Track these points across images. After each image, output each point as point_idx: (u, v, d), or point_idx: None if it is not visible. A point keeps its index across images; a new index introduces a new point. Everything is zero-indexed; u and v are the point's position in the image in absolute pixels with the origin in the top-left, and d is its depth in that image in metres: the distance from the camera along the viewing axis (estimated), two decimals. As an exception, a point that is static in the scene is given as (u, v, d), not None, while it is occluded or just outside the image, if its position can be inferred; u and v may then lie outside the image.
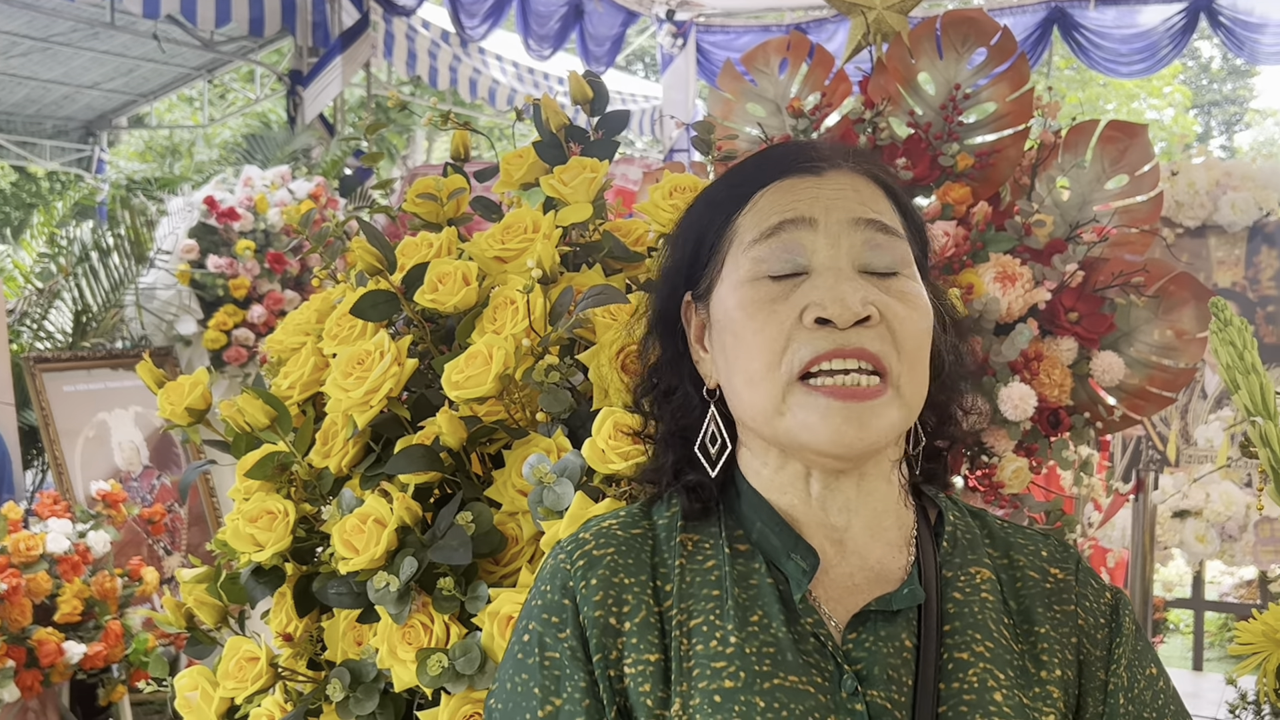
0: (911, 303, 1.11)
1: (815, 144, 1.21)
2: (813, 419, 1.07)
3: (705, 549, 1.16)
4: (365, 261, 1.63)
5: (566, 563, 1.15)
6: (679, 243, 1.23)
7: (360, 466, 1.64)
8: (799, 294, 1.09)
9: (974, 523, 1.22)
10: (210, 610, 1.73)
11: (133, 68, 9.50)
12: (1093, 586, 1.19)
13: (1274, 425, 1.29)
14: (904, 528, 1.18)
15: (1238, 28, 9.18)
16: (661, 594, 1.13)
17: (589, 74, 1.92)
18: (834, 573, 1.14)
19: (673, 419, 1.22)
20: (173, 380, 1.82)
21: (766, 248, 1.12)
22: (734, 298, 1.12)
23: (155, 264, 5.06)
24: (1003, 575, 1.17)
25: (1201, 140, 24.80)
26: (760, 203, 1.15)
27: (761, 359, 1.09)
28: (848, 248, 1.11)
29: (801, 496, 1.15)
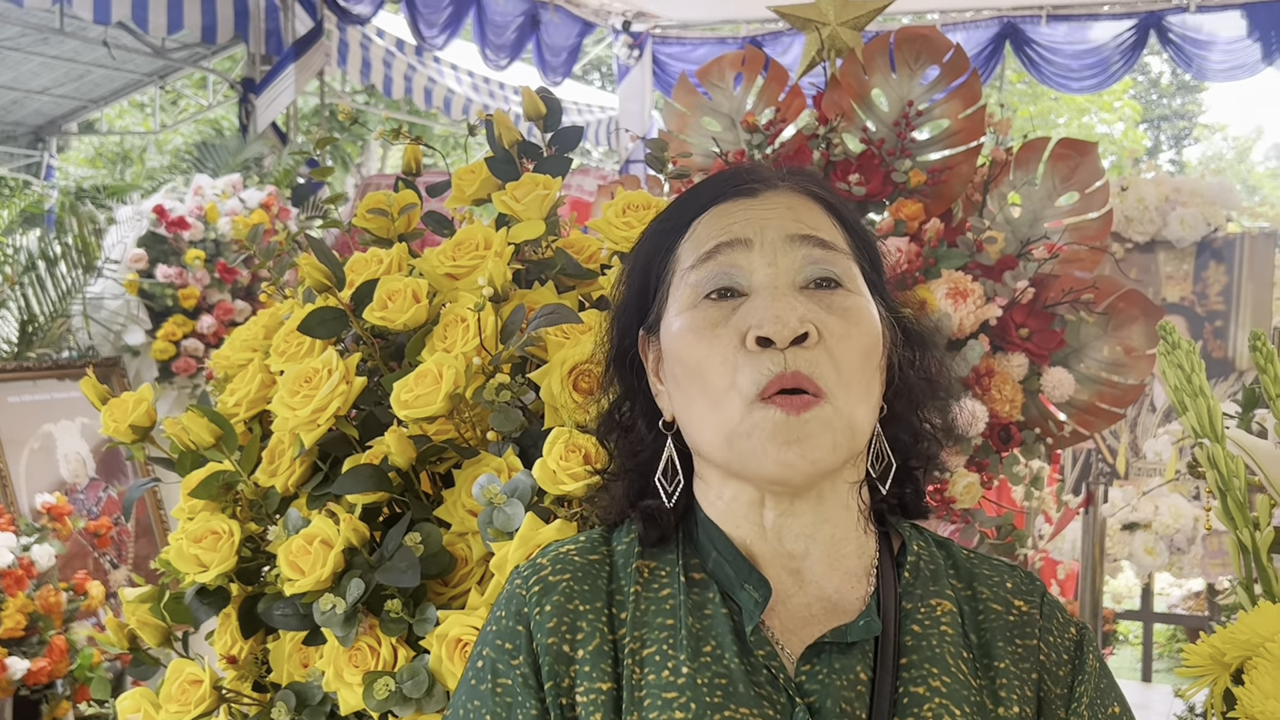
0: (852, 318, 1.09)
1: (753, 167, 1.21)
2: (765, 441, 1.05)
3: (661, 577, 1.14)
4: (313, 278, 1.61)
5: (522, 588, 1.13)
6: (630, 278, 1.22)
7: (307, 486, 1.62)
8: (739, 315, 1.08)
9: (939, 553, 1.20)
10: (153, 631, 1.70)
11: (83, 73, 9.39)
12: (1058, 620, 1.17)
13: (1221, 448, 1.29)
14: (864, 556, 1.16)
15: (1186, 44, 9.30)
16: (616, 621, 1.11)
17: (542, 90, 1.90)
18: (791, 603, 1.12)
19: (630, 453, 1.21)
20: (118, 393, 1.78)
21: (704, 271, 1.11)
22: (678, 325, 1.11)
23: (103, 273, 4.99)
24: (965, 607, 1.15)
25: (1151, 155, 25.10)
26: (698, 229, 1.14)
27: (716, 384, 1.08)
28: (785, 266, 1.10)
29: (755, 527, 1.13)
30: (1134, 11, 9.43)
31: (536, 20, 9.42)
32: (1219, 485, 1.32)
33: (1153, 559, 4.81)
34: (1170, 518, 4.80)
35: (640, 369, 1.20)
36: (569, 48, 10.00)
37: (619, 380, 1.22)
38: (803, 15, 3.09)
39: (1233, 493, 1.30)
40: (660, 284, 1.16)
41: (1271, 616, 1.14)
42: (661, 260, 1.17)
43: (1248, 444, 1.33)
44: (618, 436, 1.23)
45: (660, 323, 1.16)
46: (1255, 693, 1.07)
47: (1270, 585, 1.31)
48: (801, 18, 3.09)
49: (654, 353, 1.18)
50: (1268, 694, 1.07)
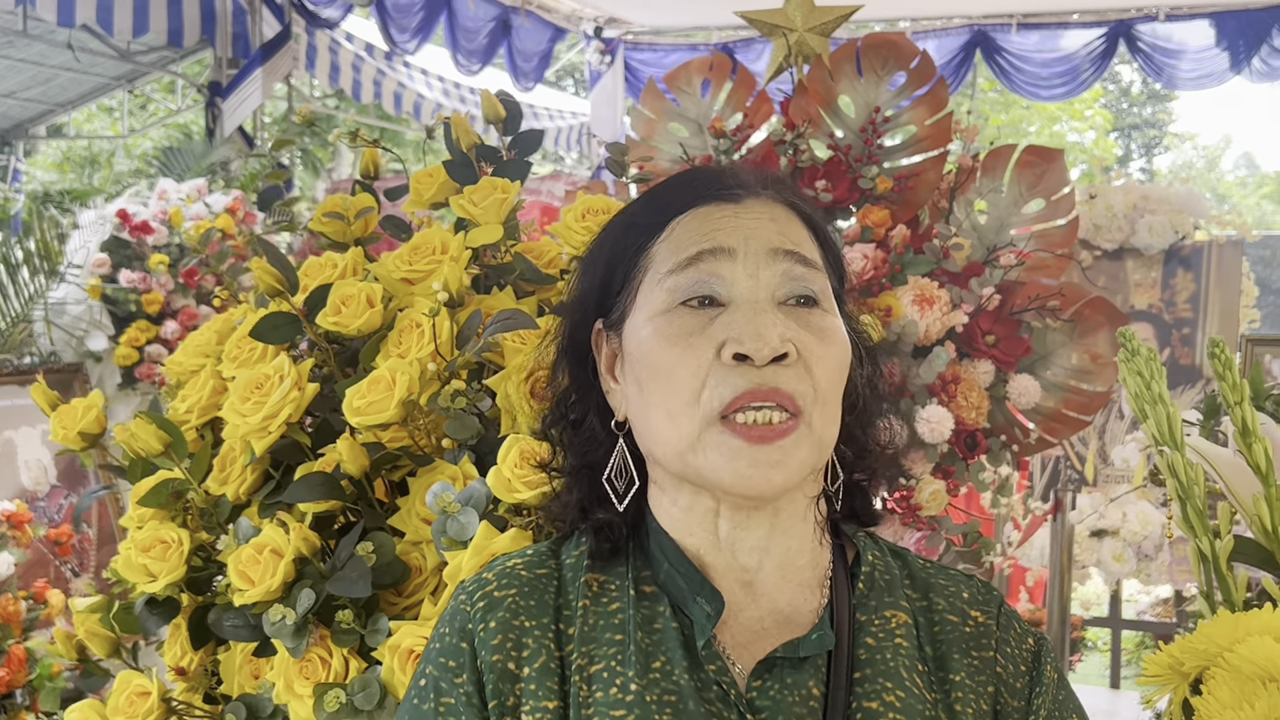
0: (829, 338, 1.08)
1: (734, 169, 1.18)
2: (722, 460, 1.03)
3: (611, 590, 1.12)
4: (266, 282, 1.58)
5: (467, 604, 1.10)
6: (591, 268, 1.18)
7: (259, 494, 1.59)
8: (716, 327, 1.05)
9: (895, 563, 1.18)
10: (102, 642, 1.67)
11: (50, 77, 9.31)
12: (1015, 631, 1.15)
13: (1181, 455, 1.28)
14: (818, 568, 1.14)
15: (1156, 53, 9.36)
16: (563, 637, 1.09)
17: (502, 93, 1.88)
18: (743, 616, 1.10)
19: (580, 452, 1.18)
20: (80, 398, 1.75)
21: (683, 278, 1.08)
22: (649, 329, 1.08)
23: (65, 278, 4.93)
24: (920, 618, 1.14)
25: (1122, 163, 25.26)
26: (676, 231, 1.11)
27: (680, 395, 1.05)
28: (766, 280, 1.07)
29: (710, 538, 1.11)
30: (1104, 20, 9.47)
31: (508, 25, 9.39)
32: (1179, 493, 1.31)
33: (1121, 566, 4.82)
34: (1138, 524, 4.80)
35: (592, 362, 1.17)
36: (540, 53, 9.97)
37: (569, 374, 1.19)
38: (770, 21, 3.08)
39: (1192, 501, 1.29)
40: (628, 281, 1.13)
41: (1230, 626, 1.13)
42: (632, 257, 1.13)
43: (1208, 451, 1.32)
44: (566, 432, 1.19)
45: (624, 321, 1.13)
46: (1213, 703, 1.06)
47: (1230, 594, 1.30)
48: (768, 23, 3.08)
49: (610, 349, 1.15)
50: (1225, 704, 1.05)
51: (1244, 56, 8.94)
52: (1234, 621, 1.13)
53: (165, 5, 6.67)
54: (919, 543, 2.77)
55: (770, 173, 1.19)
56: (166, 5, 6.68)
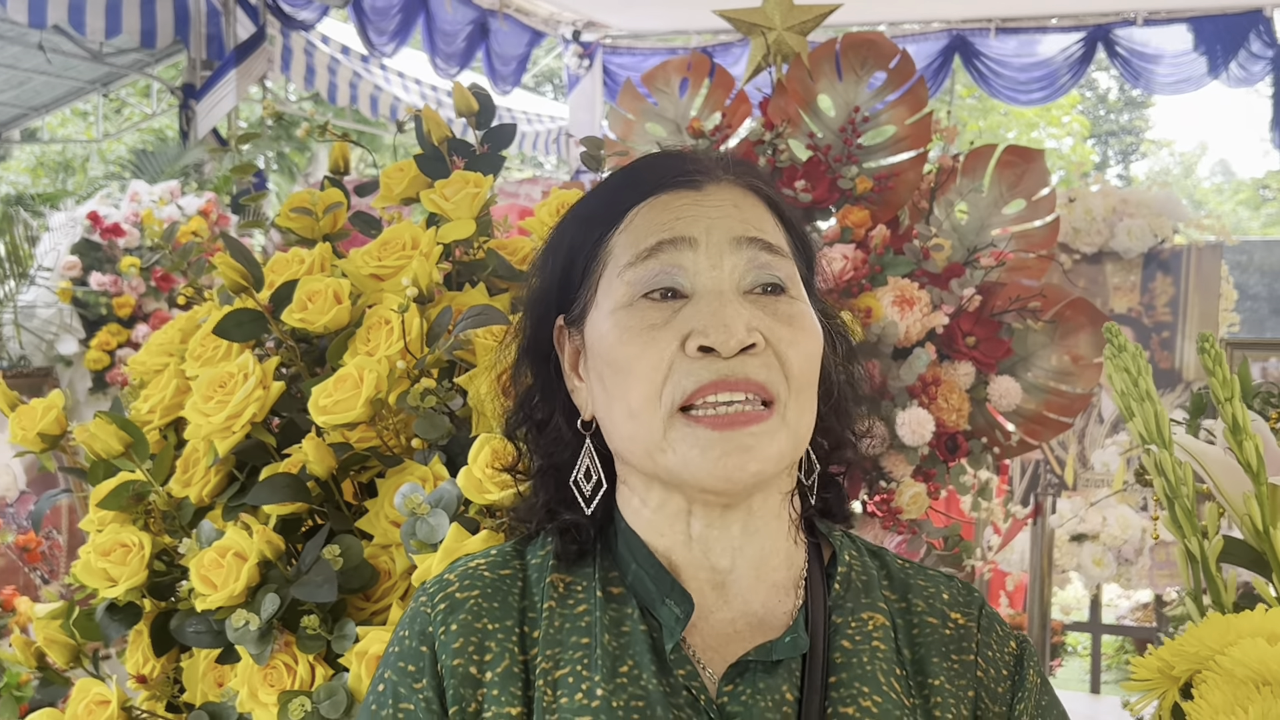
0: (799, 325, 1.04)
1: (693, 154, 1.13)
2: (693, 453, 1.00)
3: (577, 592, 1.07)
4: (230, 278, 1.54)
5: (427, 606, 1.06)
6: (549, 263, 1.13)
7: (223, 496, 1.55)
8: (680, 319, 1.01)
9: (872, 563, 1.14)
10: (62, 649, 1.63)
11: (24, 80, 9.22)
12: (997, 634, 1.12)
13: (1169, 454, 1.25)
14: (793, 568, 1.10)
15: (1134, 58, 9.39)
16: (528, 640, 1.05)
17: (475, 86, 1.85)
18: (714, 619, 1.06)
19: (546, 453, 1.13)
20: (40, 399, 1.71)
21: (643, 270, 1.03)
22: (609, 323, 1.04)
23: (36, 281, 4.88)
24: (899, 620, 1.10)
25: (1099, 169, 25.39)
26: (635, 221, 1.06)
27: (641, 390, 1.01)
28: (730, 268, 1.03)
29: (681, 538, 1.07)
30: (1082, 25, 9.50)
31: (486, 29, 9.36)
32: (1166, 493, 1.28)
33: (1101, 570, 4.81)
34: (1118, 529, 4.80)
35: (555, 360, 1.13)
36: (518, 57, 9.94)
37: (533, 373, 1.14)
38: (748, 20, 3.05)
39: (1180, 500, 1.26)
40: (588, 274, 1.08)
41: (1221, 628, 1.10)
42: (590, 249, 1.08)
43: (1196, 450, 1.29)
44: (530, 433, 1.15)
45: (586, 316, 1.08)
46: (1204, 707, 1.03)
47: (1219, 596, 1.27)
48: (747, 22, 3.05)
49: (572, 346, 1.11)
50: (1217, 708, 1.02)
51: (1221, 61, 8.98)
52: (1225, 624, 1.10)
53: (138, 6, 6.61)
54: (899, 546, 2.74)
55: (732, 156, 1.14)
56: (139, 6, 6.61)
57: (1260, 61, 8.98)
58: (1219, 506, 1.34)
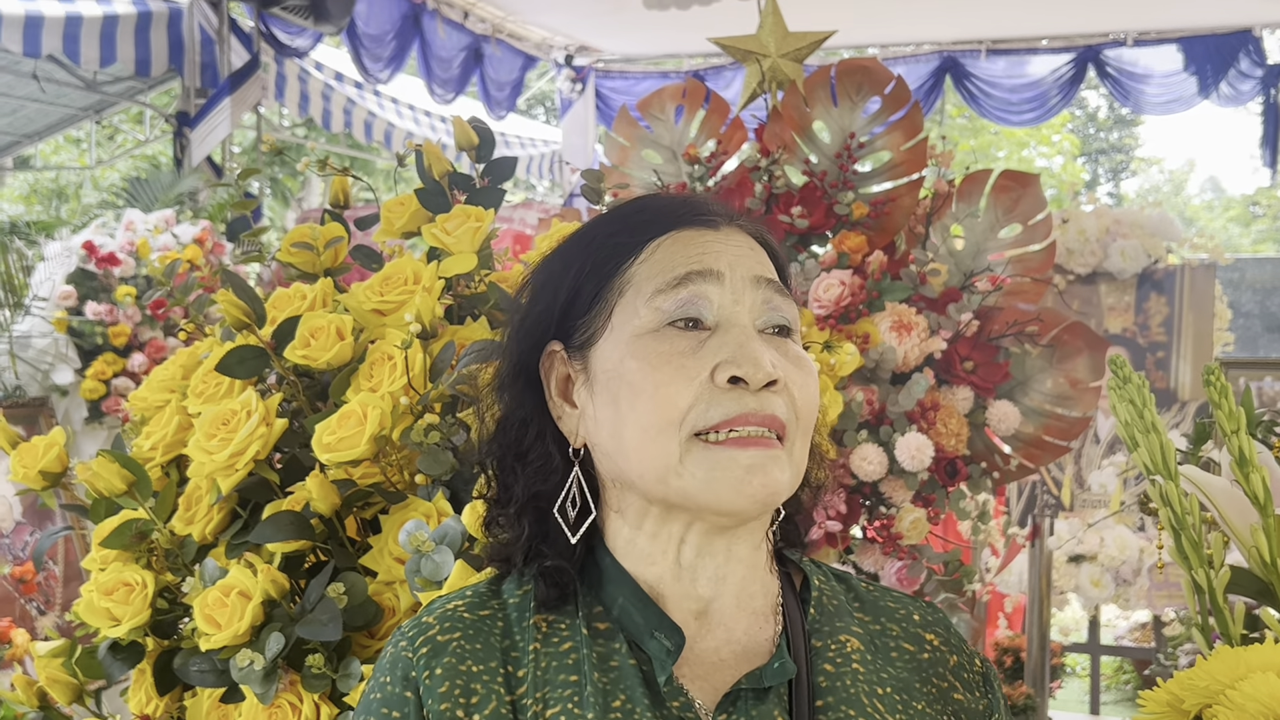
0: (805, 368, 1.08)
1: (703, 198, 1.17)
2: (715, 474, 1.02)
3: (561, 630, 1.07)
4: (232, 315, 1.54)
5: (408, 650, 1.05)
6: (548, 289, 1.13)
7: (226, 534, 1.54)
8: (707, 350, 1.04)
9: (839, 586, 1.17)
10: (64, 688, 1.62)
11: (16, 108, 9.22)
12: (965, 653, 1.15)
13: (1175, 485, 1.25)
14: (769, 595, 1.12)
15: (1124, 78, 9.44)
16: (514, 681, 1.04)
17: (475, 119, 1.85)
18: (698, 648, 1.07)
19: (528, 483, 1.12)
20: (42, 434, 1.70)
21: (672, 299, 1.05)
22: (633, 347, 1.05)
23: (31, 311, 4.87)
24: (875, 643, 1.12)
25: (1090, 188, 25.49)
26: (658, 253, 1.09)
27: (663, 413, 1.03)
28: (749, 305, 1.07)
29: (671, 566, 1.08)
30: (1072, 45, 9.56)
31: (480, 54, 9.39)
32: (1172, 524, 1.28)
33: (1099, 591, 4.80)
34: (1116, 549, 4.79)
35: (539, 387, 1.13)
36: (512, 82, 9.97)
37: (520, 400, 1.13)
38: (743, 47, 3.06)
39: (1187, 531, 1.26)
40: (599, 300, 1.09)
41: (1231, 662, 1.09)
42: (606, 278, 1.09)
43: (1201, 481, 1.29)
44: (509, 462, 1.13)
45: (594, 343, 1.09)
46: (1216, 743, 1.03)
47: (1227, 627, 1.27)
48: (742, 49, 3.06)
49: (565, 372, 1.11)
50: (1229, 744, 1.02)
51: (1211, 81, 9.03)
52: (1235, 657, 1.10)
53: (132, 35, 6.62)
54: (900, 571, 2.73)
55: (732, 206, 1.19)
56: (134, 35, 6.63)
57: (1250, 80, 9.03)
58: (1224, 536, 1.34)
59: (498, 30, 9.60)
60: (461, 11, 9.10)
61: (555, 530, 1.10)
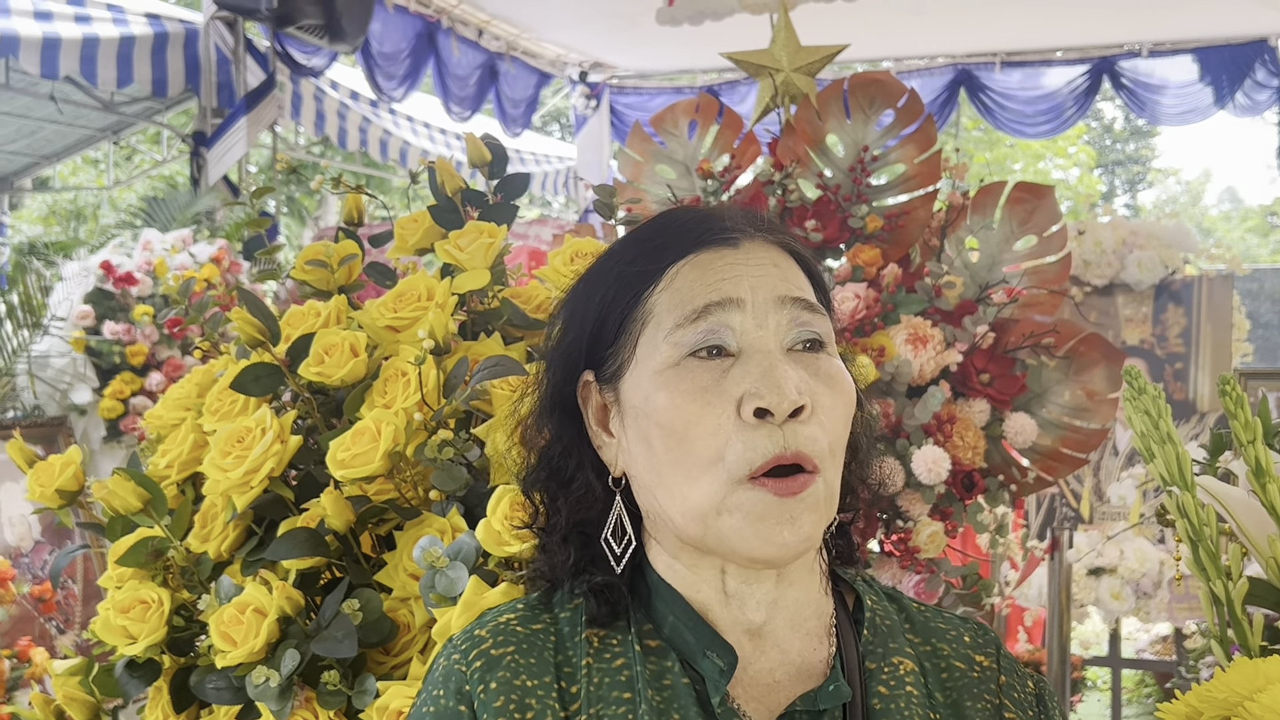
0: (838, 386, 1.05)
1: (724, 211, 1.13)
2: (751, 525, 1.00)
3: (614, 646, 1.07)
4: (247, 333, 1.55)
5: (461, 664, 1.05)
6: (578, 318, 1.12)
7: (241, 551, 1.55)
8: (730, 380, 1.01)
9: (891, 606, 1.15)
10: (81, 706, 1.62)
11: (35, 129, 9.28)
12: (1017, 674, 1.13)
13: (1191, 496, 1.25)
14: (823, 616, 1.11)
15: (1139, 89, 9.43)
16: (568, 696, 1.04)
17: (487, 136, 1.86)
18: (752, 669, 1.06)
19: (571, 511, 1.11)
20: (61, 453, 1.71)
21: (692, 332, 1.03)
22: (657, 383, 1.03)
23: (49, 331, 4.89)
24: (926, 664, 1.11)
25: (1106, 199, 25.40)
26: (677, 280, 1.06)
27: (701, 455, 1.01)
28: (775, 327, 1.04)
29: (717, 595, 1.07)
30: (1087, 57, 9.55)
31: (495, 71, 9.43)
32: (1189, 535, 1.27)
33: (1119, 604, 4.77)
34: (1136, 562, 4.76)
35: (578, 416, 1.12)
36: (527, 99, 10.01)
37: (558, 428, 1.13)
38: (756, 62, 3.07)
39: (1204, 543, 1.25)
40: (623, 331, 1.08)
41: (1249, 674, 1.09)
42: (627, 307, 1.08)
43: (1219, 492, 1.29)
44: (554, 490, 1.13)
45: (623, 375, 1.08)
46: (1235, 755, 1.02)
47: (1245, 638, 1.26)
48: (755, 64, 3.07)
49: (601, 401, 1.10)
50: (1249, 757, 1.01)
51: (1227, 91, 9.01)
52: (1253, 669, 1.09)
53: (149, 56, 6.67)
54: (918, 585, 2.72)
55: (758, 212, 1.14)
56: (150, 56, 6.68)
57: (1266, 90, 9.01)
58: (1242, 547, 1.33)
59: (512, 48, 9.64)
60: (476, 29, 9.14)
61: (601, 555, 1.10)
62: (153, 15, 6.90)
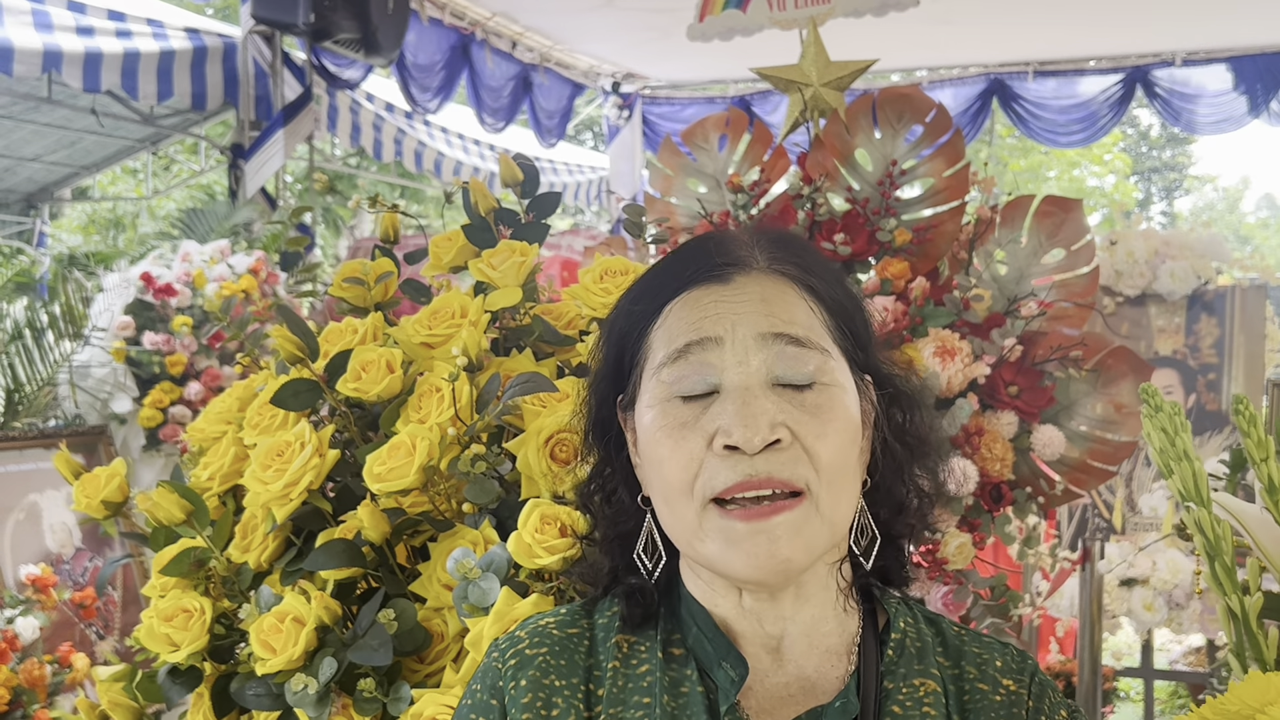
0: (827, 416, 1.06)
1: (726, 241, 1.15)
2: (724, 547, 1.04)
3: (640, 652, 1.12)
4: (286, 349, 1.59)
5: (499, 661, 1.12)
6: (607, 346, 1.19)
7: (280, 561, 1.59)
8: (708, 416, 1.05)
9: (928, 630, 1.16)
10: (125, 711, 1.67)
11: (75, 140, 9.41)
12: (1049, 701, 1.13)
13: (1208, 512, 1.27)
14: (845, 634, 1.13)
15: (1173, 98, 9.38)
16: (593, 698, 1.09)
17: (519, 156, 1.90)
18: (768, 682, 1.10)
19: (611, 523, 1.18)
20: (106, 462, 1.76)
21: (674, 370, 1.07)
22: (648, 417, 1.09)
23: (90, 341, 4.97)
24: (950, 687, 1.12)
25: (1142, 206, 25.26)
26: (669, 318, 1.11)
27: (675, 485, 1.06)
28: (757, 364, 1.06)
29: (735, 609, 1.11)
30: (1121, 66, 9.51)
31: (529, 82, 9.48)
32: (1207, 550, 1.29)
33: (1151, 615, 4.76)
34: (1168, 573, 4.75)
35: (620, 438, 1.18)
36: (561, 110, 10.06)
37: (598, 448, 1.20)
38: (785, 77, 3.10)
39: (1221, 558, 1.28)
40: (634, 366, 1.14)
41: (1262, 686, 1.11)
42: (635, 342, 1.14)
43: (1234, 508, 1.31)
44: (599, 503, 1.20)
45: (635, 404, 1.13)
46: (1248, 767, 1.04)
47: (1261, 652, 1.28)
48: (784, 79, 3.10)
49: (631, 428, 1.16)
50: (1260, 769, 1.03)
51: (1262, 100, 8.95)
52: (1265, 682, 1.11)
53: (189, 69, 6.76)
54: (946, 597, 2.74)
55: (769, 234, 1.16)
56: (190, 69, 6.77)
57: (1301, 99, 8.95)
58: (1259, 562, 1.35)
59: (545, 59, 9.69)
60: (510, 41, 9.20)
61: (636, 566, 1.15)
62: (192, 30, 6.99)
